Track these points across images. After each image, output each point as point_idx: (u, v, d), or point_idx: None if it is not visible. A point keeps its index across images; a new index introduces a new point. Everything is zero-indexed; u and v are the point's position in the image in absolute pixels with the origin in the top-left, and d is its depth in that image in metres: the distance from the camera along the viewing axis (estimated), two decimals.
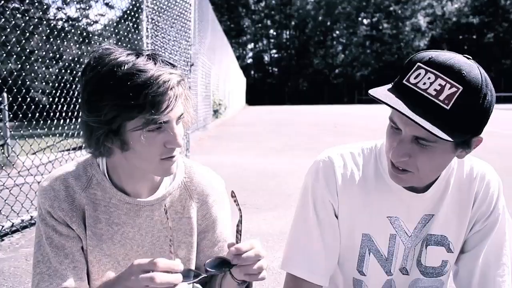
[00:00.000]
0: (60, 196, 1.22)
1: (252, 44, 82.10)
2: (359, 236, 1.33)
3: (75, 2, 6.10)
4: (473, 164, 1.35)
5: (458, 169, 1.32)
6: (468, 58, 1.11)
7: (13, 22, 4.30)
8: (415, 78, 1.07)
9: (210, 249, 1.38)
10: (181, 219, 1.35)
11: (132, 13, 6.43)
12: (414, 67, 1.08)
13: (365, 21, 77.76)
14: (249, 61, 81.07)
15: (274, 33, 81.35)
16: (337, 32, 78.50)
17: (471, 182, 1.32)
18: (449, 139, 1.01)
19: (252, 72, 77.38)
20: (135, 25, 6.47)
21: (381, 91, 1.11)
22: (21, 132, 4.63)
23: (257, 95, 62.99)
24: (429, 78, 1.04)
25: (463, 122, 1.05)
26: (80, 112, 1.20)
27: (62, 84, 5.15)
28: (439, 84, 1.03)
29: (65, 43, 5.37)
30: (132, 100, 1.06)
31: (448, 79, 1.03)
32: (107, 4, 7.30)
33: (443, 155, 1.14)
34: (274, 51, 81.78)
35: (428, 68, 1.06)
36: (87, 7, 6.52)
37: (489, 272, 1.29)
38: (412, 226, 1.31)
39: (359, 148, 1.38)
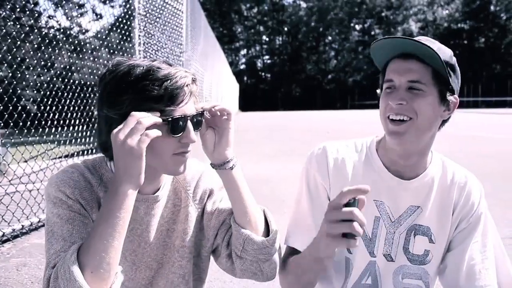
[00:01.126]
0: (81, 186, 1.24)
1: (245, 50, 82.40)
2: None
3: (66, 10, 6.07)
4: (455, 171, 1.49)
5: (443, 172, 1.47)
6: None
7: (4, 30, 4.27)
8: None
9: (212, 219, 1.41)
10: (179, 210, 1.40)
11: (124, 21, 6.43)
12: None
13: (357, 27, 78.37)
14: (242, 67, 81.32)
15: (267, 39, 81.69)
16: (330, 37, 78.98)
17: (452, 187, 1.46)
18: (438, 54, 1.26)
19: (245, 78, 77.55)
20: (127, 33, 6.47)
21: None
22: (12, 140, 4.60)
23: (250, 101, 63.03)
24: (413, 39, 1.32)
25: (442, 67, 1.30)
26: (97, 111, 1.25)
27: (53, 92, 5.14)
28: (420, 39, 1.33)
29: (57, 51, 5.35)
30: (152, 92, 1.13)
31: (429, 40, 1.34)
32: (97, 14, 7.29)
33: (433, 104, 1.32)
34: (266, 57, 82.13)
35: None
36: (79, 15, 6.50)
37: (475, 266, 1.40)
38: (397, 214, 1.45)
39: (352, 141, 1.56)
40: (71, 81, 5.47)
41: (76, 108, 5.62)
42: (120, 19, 6.44)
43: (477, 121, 24.46)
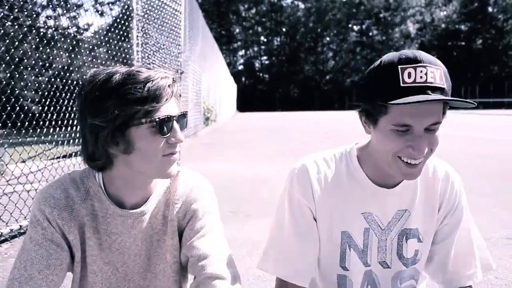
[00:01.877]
0: (61, 205, 1.26)
1: (243, 50, 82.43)
2: (338, 234, 1.42)
3: (65, 11, 6.06)
4: (436, 165, 1.47)
5: (424, 169, 1.41)
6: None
7: (2, 30, 4.27)
8: (408, 78, 1.17)
9: (190, 240, 1.35)
10: (168, 222, 1.37)
11: (122, 22, 6.43)
12: (399, 71, 1.18)
13: (355, 28, 78.44)
14: (240, 67, 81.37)
15: (265, 40, 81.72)
16: (328, 38, 79.09)
17: (436, 182, 1.45)
18: (472, 102, 1.17)
19: (243, 79, 77.59)
20: (125, 34, 6.47)
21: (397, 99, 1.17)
22: (10, 140, 4.59)
23: (248, 101, 63.14)
24: (421, 71, 1.16)
25: (451, 93, 1.22)
26: (80, 123, 1.25)
27: (52, 93, 5.13)
28: (431, 72, 1.17)
29: (55, 51, 5.34)
30: (135, 94, 1.14)
31: (434, 66, 1.18)
32: (97, 10, 7.29)
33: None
34: (265, 57, 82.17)
35: (414, 65, 1.17)
36: (78, 15, 6.49)
37: (462, 253, 1.45)
38: (386, 221, 1.42)
39: (331, 153, 1.49)
40: (69, 81, 5.46)
41: (74, 108, 5.61)
42: (118, 20, 6.44)
43: (476, 122, 24.52)
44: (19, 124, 4.54)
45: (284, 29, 78.71)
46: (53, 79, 5.39)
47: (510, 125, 21.64)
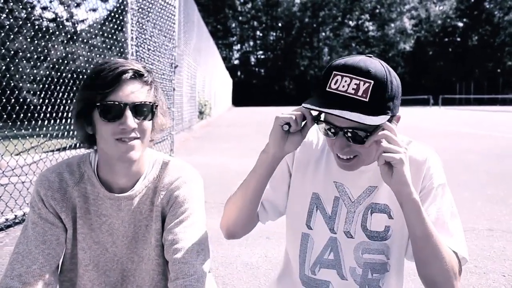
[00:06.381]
0: (54, 187, 1.38)
1: (239, 45, 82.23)
2: (310, 194, 1.56)
3: (59, 4, 6.10)
4: (414, 150, 1.50)
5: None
6: (370, 57, 1.37)
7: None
8: (334, 84, 1.30)
9: (169, 224, 1.42)
10: (153, 209, 1.46)
11: (117, 15, 6.47)
12: (332, 75, 1.32)
13: (351, 23, 78.29)
14: (236, 62, 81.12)
15: (261, 34, 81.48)
16: (323, 33, 78.93)
17: (412, 165, 1.45)
18: (374, 123, 1.23)
19: (239, 73, 77.45)
20: (119, 27, 6.52)
21: (314, 102, 1.33)
22: (6, 132, 4.66)
23: (243, 96, 63.11)
24: (345, 81, 1.28)
25: (381, 107, 1.28)
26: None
27: (46, 86, 5.19)
28: (355, 84, 1.27)
29: (50, 44, 5.40)
30: (90, 81, 1.29)
31: (360, 78, 1.27)
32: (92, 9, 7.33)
33: None
34: (260, 52, 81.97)
35: (343, 74, 1.30)
36: (74, 5, 6.52)
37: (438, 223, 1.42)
38: (357, 194, 1.52)
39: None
40: (63, 74, 5.52)
41: (69, 101, 5.67)
42: (113, 14, 6.48)
43: (468, 118, 24.66)
44: (14, 116, 4.61)
45: (279, 24, 78.56)
46: (47, 72, 5.44)
47: (500, 122, 21.81)
